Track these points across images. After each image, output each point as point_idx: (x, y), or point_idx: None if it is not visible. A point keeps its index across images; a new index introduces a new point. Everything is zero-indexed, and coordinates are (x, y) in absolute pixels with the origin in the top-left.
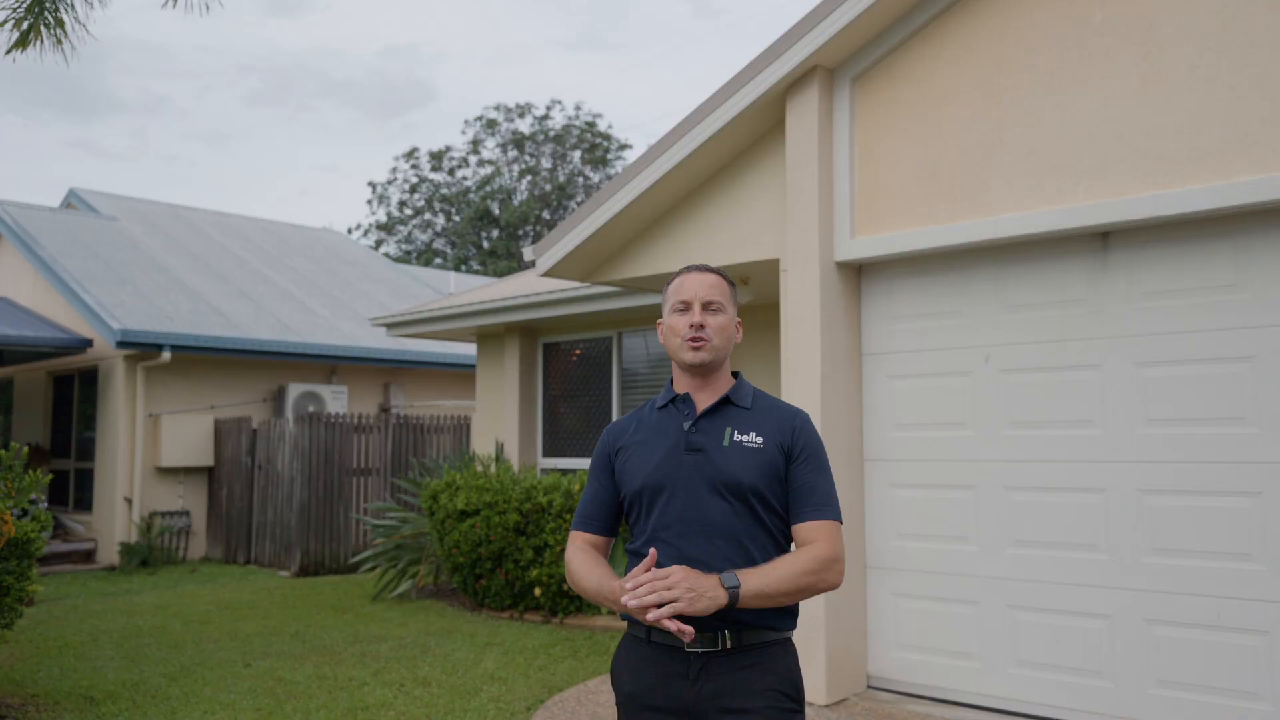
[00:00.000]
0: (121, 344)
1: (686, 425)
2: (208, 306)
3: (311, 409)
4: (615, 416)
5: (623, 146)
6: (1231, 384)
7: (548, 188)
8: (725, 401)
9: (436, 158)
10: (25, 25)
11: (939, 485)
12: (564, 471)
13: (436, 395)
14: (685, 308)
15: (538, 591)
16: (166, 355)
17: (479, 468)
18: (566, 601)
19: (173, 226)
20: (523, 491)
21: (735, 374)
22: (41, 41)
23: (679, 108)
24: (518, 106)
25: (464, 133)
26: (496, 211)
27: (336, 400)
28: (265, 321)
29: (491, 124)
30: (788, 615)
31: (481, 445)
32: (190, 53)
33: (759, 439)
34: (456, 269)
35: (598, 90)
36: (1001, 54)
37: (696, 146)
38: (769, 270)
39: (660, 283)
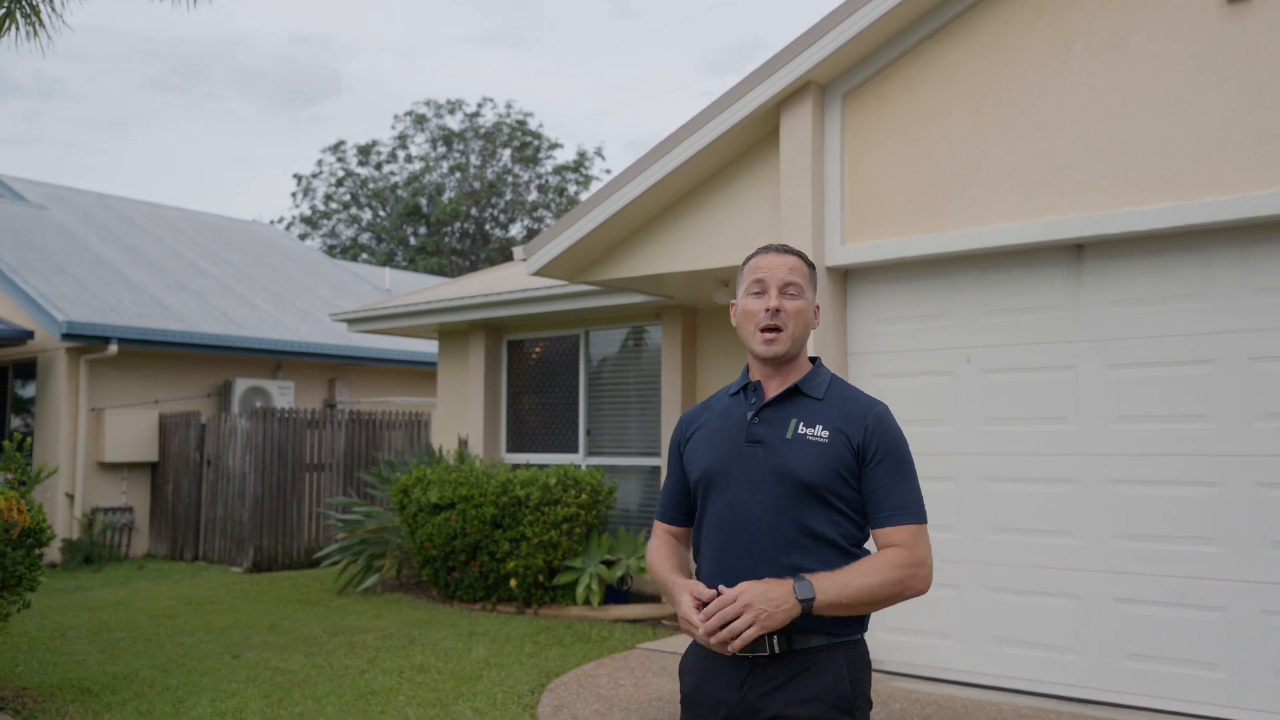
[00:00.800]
0: (67, 336)
1: (750, 415)
2: (150, 299)
3: (258, 404)
4: (582, 413)
5: (553, 146)
6: (1193, 385)
7: (476, 185)
8: (794, 391)
9: (364, 152)
10: (1, 11)
11: (923, 477)
12: (529, 467)
13: (383, 392)
14: (761, 290)
15: (513, 583)
16: (113, 348)
17: (450, 462)
18: (541, 593)
19: (104, 216)
20: (499, 485)
21: (814, 359)
22: (17, 28)
23: (601, 109)
24: (448, 103)
25: (393, 127)
26: (425, 208)
27: (283, 396)
28: (209, 315)
29: (420, 119)
30: (850, 619)
31: (443, 440)
32: (87, 35)
33: (825, 433)
34: (384, 265)
35: (514, 87)
36: (987, 76)
37: (693, 154)
38: None
39: (649, 284)
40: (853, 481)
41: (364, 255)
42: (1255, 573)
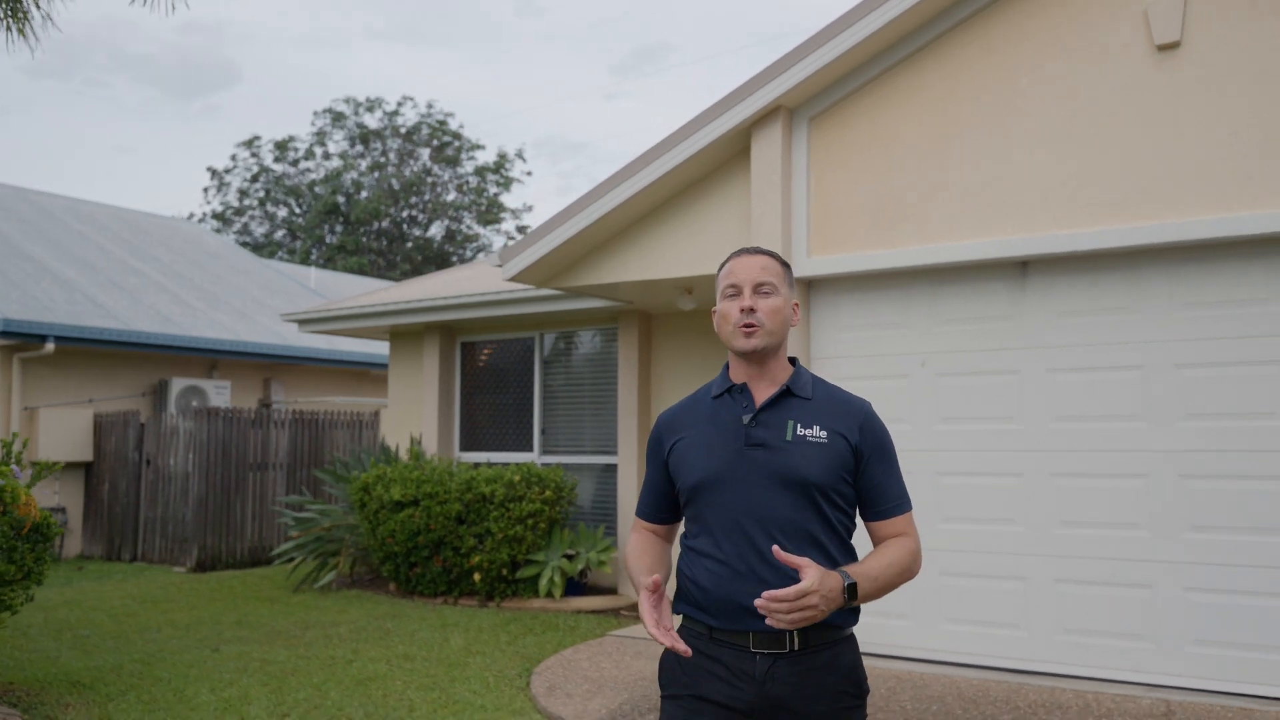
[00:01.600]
0: (2, 334)
1: (746, 419)
2: (83, 297)
3: (195, 404)
4: (537, 413)
5: (474, 147)
6: (1125, 387)
7: (395, 185)
8: (785, 393)
9: (280, 148)
10: None
11: None
12: (489, 465)
13: (319, 392)
14: (736, 292)
15: (477, 577)
16: (50, 347)
17: (410, 460)
18: (503, 586)
19: (25, 210)
20: (463, 483)
21: (792, 360)
22: (9, 28)
23: (509, 109)
24: (367, 101)
25: (313, 124)
26: (344, 207)
27: (220, 395)
28: (144, 314)
29: (339, 117)
30: (852, 612)
31: (395, 440)
32: None
33: (823, 434)
34: (301, 263)
35: (417, 83)
36: (942, 107)
37: (669, 169)
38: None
39: (620, 290)
40: (849, 478)
41: (281, 253)
42: (1178, 554)
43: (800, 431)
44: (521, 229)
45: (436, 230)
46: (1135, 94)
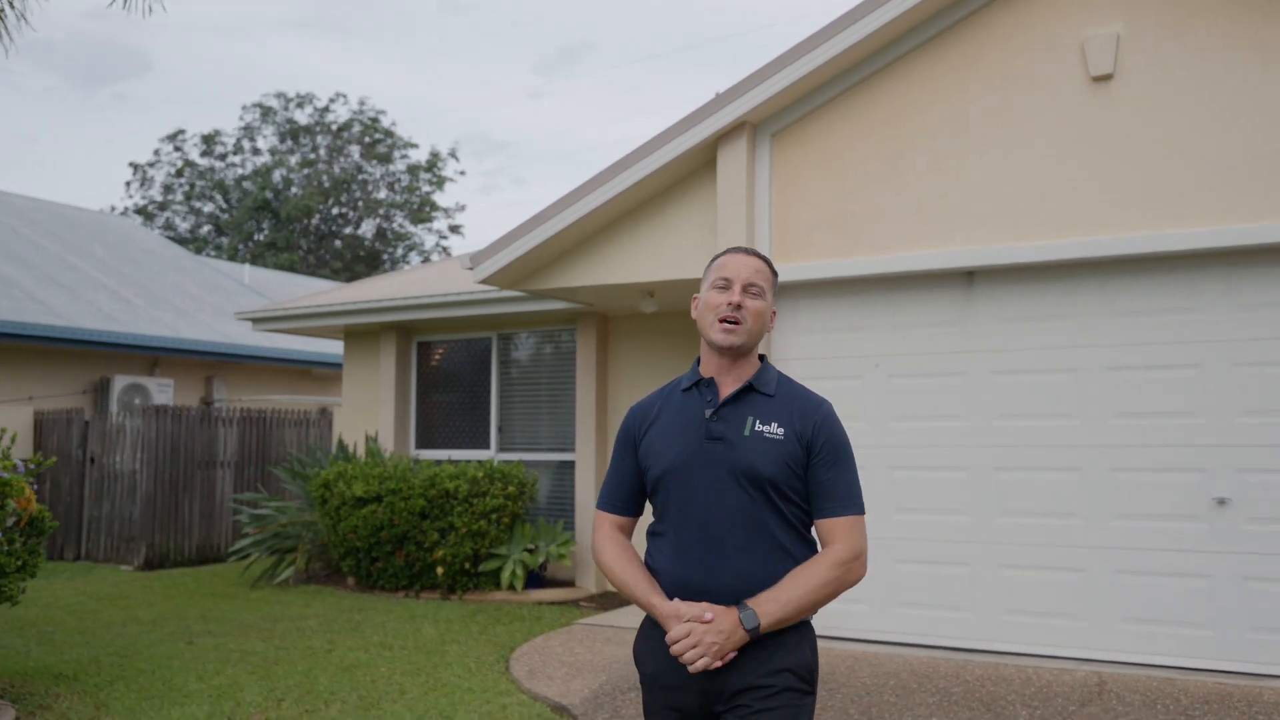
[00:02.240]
0: None
1: (708, 413)
2: (21, 292)
3: (137, 401)
4: (494, 411)
5: (408, 145)
6: (1061, 388)
7: (326, 182)
8: (748, 389)
9: (207, 142)
10: None
11: None
12: (449, 462)
13: (262, 390)
14: (726, 285)
15: (440, 571)
16: None
17: (361, 458)
18: (465, 579)
19: None
20: (426, 479)
21: (761, 358)
22: None
23: (430, 104)
24: (298, 96)
25: (242, 118)
26: (274, 203)
27: (162, 393)
28: (85, 310)
29: (268, 111)
30: None
31: (350, 437)
32: None
33: (780, 430)
34: (231, 259)
35: (334, 76)
36: (897, 127)
37: (638, 179)
38: (686, 287)
39: (585, 293)
40: (801, 474)
41: (208, 249)
42: (1108, 540)
43: (758, 427)
44: (454, 228)
45: (367, 228)
46: (1072, 120)
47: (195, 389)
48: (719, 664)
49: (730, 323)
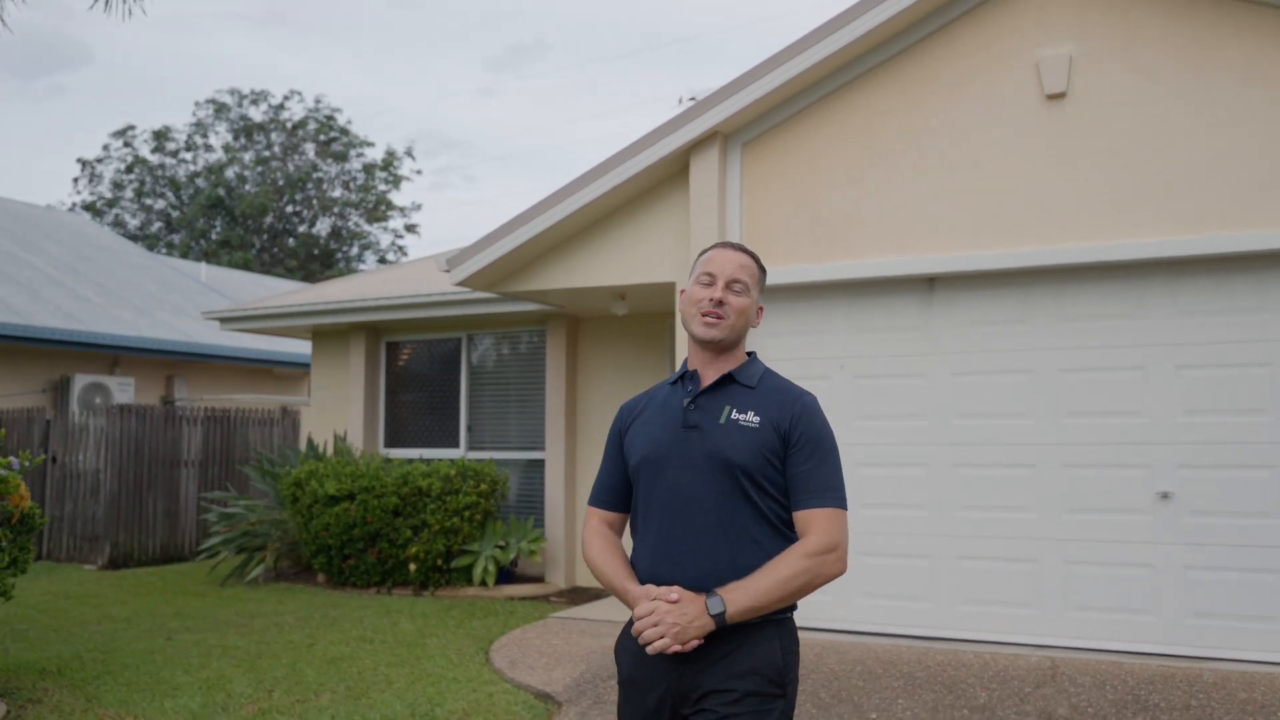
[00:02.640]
0: None
1: (686, 401)
2: None
3: (98, 400)
4: (463, 411)
5: (364, 144)
6: (1017, 389)
7: (280, 180)
8: (728, 379)
9: (159, 138)
10: None
11: None
12: (421, 460)
13: (223, 389)
14: (710, 280)
15: (413, 567)
16: None
17: (329, 457)
18: (438, 575)
19: None
20: (399, 477)
21: (750, 354)
22: None
23: (381, 101)
24: (252, 93)
25: (195, 114)
26: (228, 201)
27: (123, 392)
28: (44, 308)
29: (221, 108)
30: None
31: (318, 436)
32: None
33: (756, 419)
34: (184, 257)
35: (282, 71)
36: (862, 140)
37: (613, 186)
38: (657, 291)
39: (558, 296)
40: (778, 464)
41: (160, 247)
42: (1060, 533)
43: (734, 416)
44: (410, 227)
45: (323, 227)
46: (1028, 136)
47: (156, 388)
48: (678, 648)
49: (712, 315)
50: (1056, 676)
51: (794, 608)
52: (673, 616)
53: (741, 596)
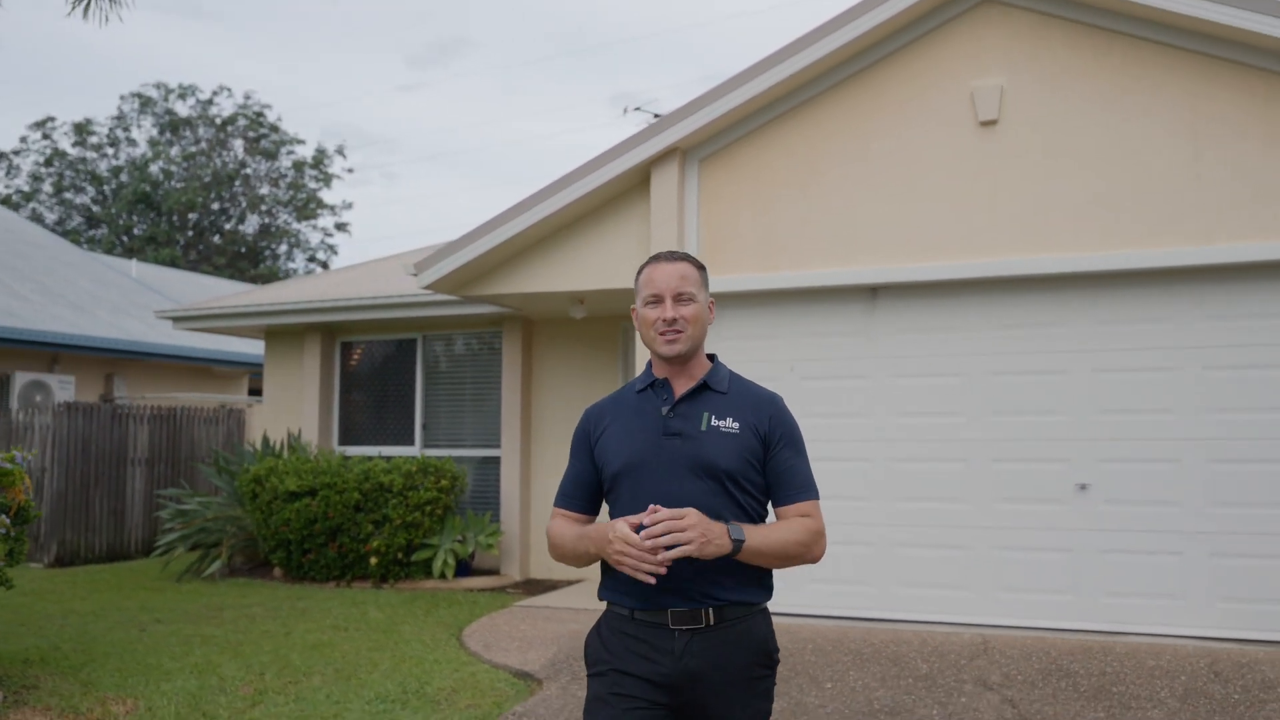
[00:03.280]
0: None
1: (665, 410)
2: None
3: (39, 398)
4: (419, 409)
5: (295, 141)
6: (951, 390)
7: (207, 177)
8: (703, 387)
9: (80, 131)
10: None
11: None
12: (380, 458)
13: (164, 388)
14: (657, 300)
15: (374, 560)
16: None
17: (284, 455)
18: (398, 568)
19: None
20: (360, 473)
21: (711, 356)
22: None
23: (300, 94)
24: (180, 87)
25: (120, 108)
26: (155, 196)
27: (64, 390)
28: None
29: (147, 101)
30: (763, 589)
31: (273, 434)
32: None
33: (735, 424)
34: (108, 252)
35: (197, 63)
36: (811, 159)
37: (577, 196)
38: (615, 295)
39: (517, 299)
40: (758, 466)
41: (81, 243)
42: (989, 521)
43: (714, 422)
44: (340, 226)
45: (251, 224)
46: (963, 158)
47: (95, 386)
48: (693, 550)
49: (670, 334)
50: (988, 650)
51: (770, 596)
52: (699, 528)
53: (756, 537)
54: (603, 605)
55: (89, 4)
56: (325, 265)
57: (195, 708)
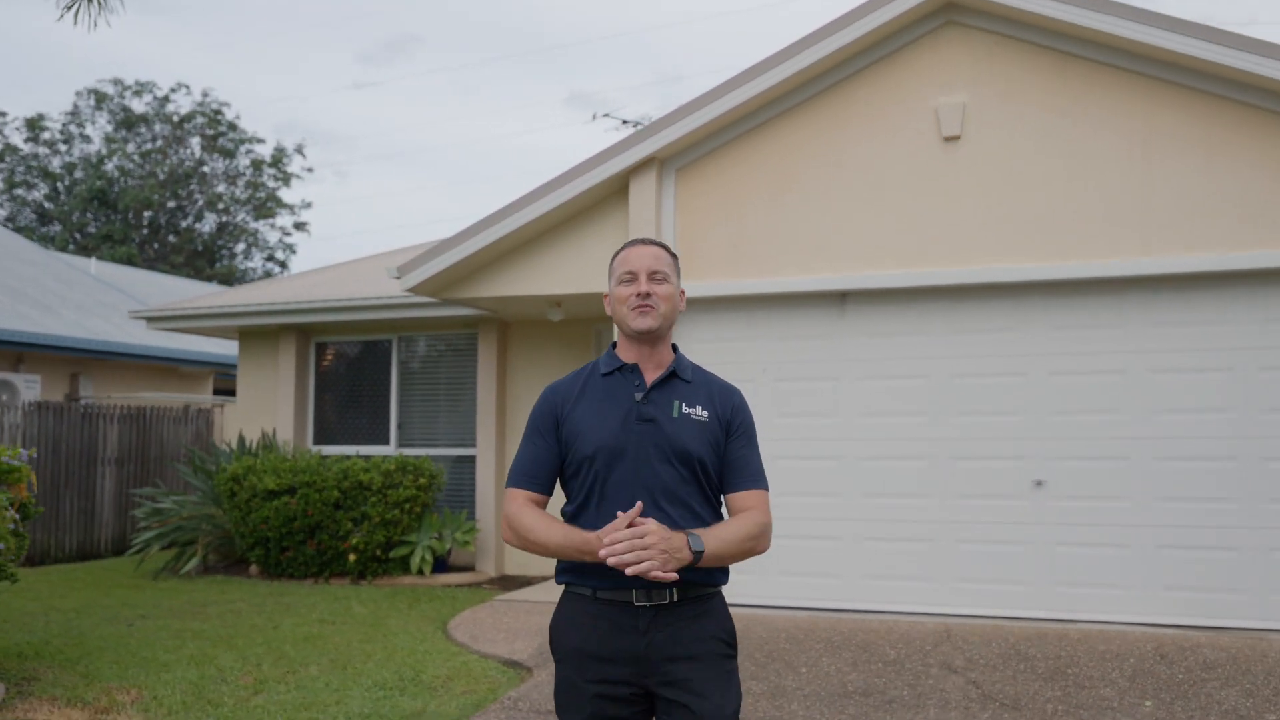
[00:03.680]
0: None
1: (638, 396)
2: None
3: (4, 397)
4: (394, 409)
5: (254, 140)
6: (915, 391)
7: (162, 175)
8: (672, 374)
9: (32, 126)
10: None
11: None
12: (357, 457)
13: (129, 387)
14: (632, 278)
15: (352, 558)
16: None
17: (267, 452)
18: (376, 565)
19: None
20: (339, 471)
21: (674, 347)
22: None
23: (255, 93)
24: (136, 84)
25: (75, 104)
26: (111, 194)
27: (30, 389)
28: None
29: (103, 98)
30: (722, 571)
31: (249, 434)
32: None
33: (704, 413)
34: (61, 250)
35: (142, 58)
36: (784, 169)
37: (558, 204)
38: (590, 299)
39: (499, 303)
40: (721, 453)
41: (33, 240)
42: (951, 516)
43: (685, 410)
44: (299, 225)
45: (209, 223)
46: (927, 172)
47: (61, 385)
48: (660, 574)
49: (644, 308)
50: (950, 637)
51: (727, 580)
52: (661, 544)
53: (714, 542)
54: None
55: (78, 9)
56: (284, 265)
57: (199, 695)
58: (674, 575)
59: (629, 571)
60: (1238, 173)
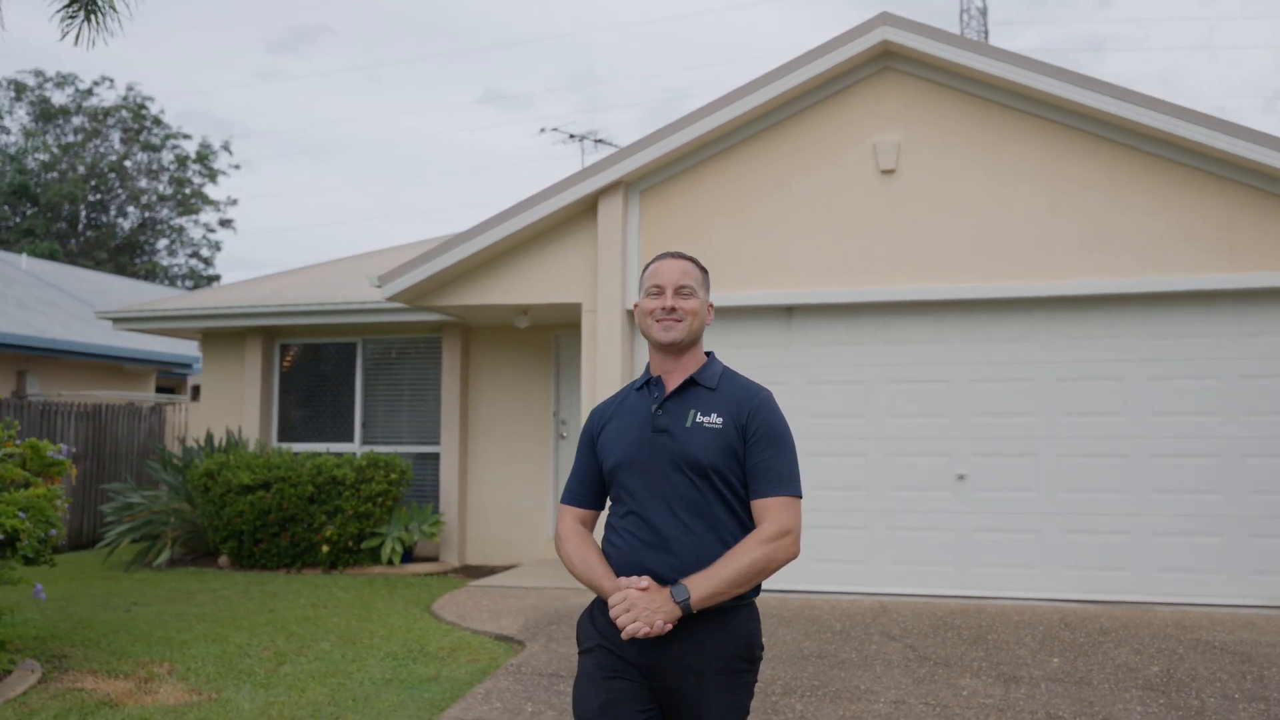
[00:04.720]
0: None
1: (654, 407)
2: None
3: None
4: (359, 408)
5: (181, 135)
6: (854, 395)
7: (83, 170)
8: (690, 383)
9: None
10: None
11: None
12: (326, 454)
13: (77, 386)
14: (659, 292)
15: (325, 549)
16: None
17: (234, 449)
18: (348, 556)
19: None
20: (313, 467)
21: (708, 354)
22: None
23: (158, 81)
24: (58, 75)
25: None
26: (34, 188)
27: None
28: None
29: (21, 89)
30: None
31: (210, 431)
32: None
33: (719, 420)
34: None
35: (53, 38)
36: (740, 194)
37: (531, 221)
38: (557, 308)
39: (467, 310)
40: (743, 459)
41: None
42: (885, 506)
43: (699, 419)
44: (225, 222)
45: (132, 218)
46: (867, 201)
47: (7, 383)
48: (647, 630)
49: (668, 321)
50: (886, 611)
51: (758, 590)
52: (643, 604)
53: (704, 585)
54: (549, 586)
55: (79, 34)
56: (208, 262)
57: (229, 667)
58: (667, 628)
59: (623, 636)
60: (1134, 210)
